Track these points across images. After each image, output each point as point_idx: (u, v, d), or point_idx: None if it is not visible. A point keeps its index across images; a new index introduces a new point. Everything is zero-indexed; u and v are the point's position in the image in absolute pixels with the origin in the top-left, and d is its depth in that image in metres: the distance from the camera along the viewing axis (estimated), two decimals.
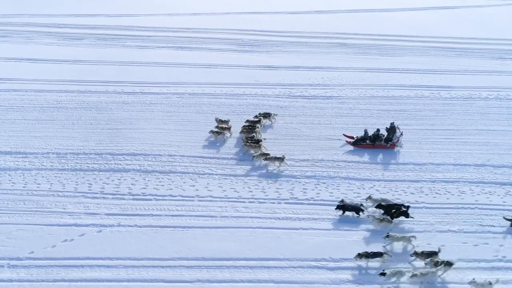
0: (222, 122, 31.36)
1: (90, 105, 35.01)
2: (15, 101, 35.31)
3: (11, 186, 25.43)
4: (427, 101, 37.14)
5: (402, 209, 23.34)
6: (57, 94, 36.59)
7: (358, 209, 23.67)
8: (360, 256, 20.63)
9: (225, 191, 25.52)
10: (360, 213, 23.68)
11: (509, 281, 20.24)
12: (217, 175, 26.93)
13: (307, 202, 24.55)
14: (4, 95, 36.19)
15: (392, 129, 30.76)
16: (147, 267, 20.30)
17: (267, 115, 32.86)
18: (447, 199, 25.35)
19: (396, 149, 29.94)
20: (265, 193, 25.46)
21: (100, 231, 22.28)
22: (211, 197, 24.98)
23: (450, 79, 41.50)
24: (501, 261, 21.26)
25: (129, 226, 22.70)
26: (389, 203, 23.79)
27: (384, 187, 26.23)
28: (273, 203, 24.70)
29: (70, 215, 23.27)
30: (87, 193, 25.06)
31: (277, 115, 33.39)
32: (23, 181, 25.88)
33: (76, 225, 22.58)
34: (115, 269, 20.18)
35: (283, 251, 21.34)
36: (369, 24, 58.63)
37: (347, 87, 39.20)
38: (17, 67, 41.89)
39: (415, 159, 28.98)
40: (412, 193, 25.73)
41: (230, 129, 31.01)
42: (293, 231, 22.66)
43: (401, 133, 30.80)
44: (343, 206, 23.61)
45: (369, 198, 24.33)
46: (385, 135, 30.48)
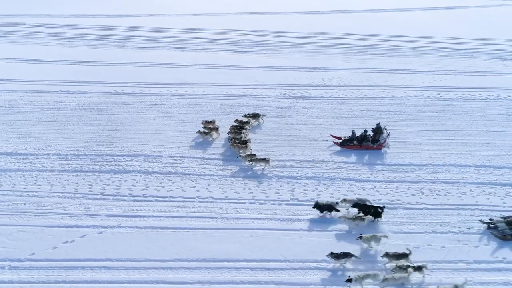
0: (208, 122, 31.36)
1: (90, 106, 35.03)
2: (15, 102, 35.31)
3: (12, 187, 25.40)
4: (428, 102, 37.16)
5: (378, 210, 23.30)
6: (57, 95, 36.60)
7: (333, 208, 23.62)
8: (332, 255, 20.46)
9: (226, 192, 25.51)
10: (333, 212, 23.61)
11: (509, 281, 20.24)
12: (217, 176, 26.94)
13: (308, 203, 24.50)
14: (4, 96, 36.19)
15: (378, 129, 30.55)
16: (148, 269, 20.26)
17: (256, 116, 32.82)
18: (448, 200, 25.36)
19: (383, 149, 29.84)
20: (266, 194, 25.45)
21: (100, 233, 22.27)
22: (211, 198, 24.97)
23: (450, 79, 41.55)
24: (501, 262, 21.24)
25: (129, 227, 22.66)
26: (365, 203, 23.71)
27: (384, 188, 26.21)
28: (274, 204, 24.68)
29: (70, 217, 23.23)
30: (88, 194, 25.04)
31: (265, 115, 33.35)
32: (24, 182, 25.85)
33: (76, 227, 22.55)
34: (115, 271, 20.14)
35: (284, 252, 21.31)
36: (369, 24, 58.69)
37: (347, 88, 39.23)
38: (17, 67, 41.92)
39: (416, 160, 28.98)
40: (412, 194, 25.70)
41: (217, 129, 31.03)
42: (293, 232, 22.62)
43: (388, 134, 30.65)
44: (318, 206, 23.56)
45: (344, 200, 24.19)
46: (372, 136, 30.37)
